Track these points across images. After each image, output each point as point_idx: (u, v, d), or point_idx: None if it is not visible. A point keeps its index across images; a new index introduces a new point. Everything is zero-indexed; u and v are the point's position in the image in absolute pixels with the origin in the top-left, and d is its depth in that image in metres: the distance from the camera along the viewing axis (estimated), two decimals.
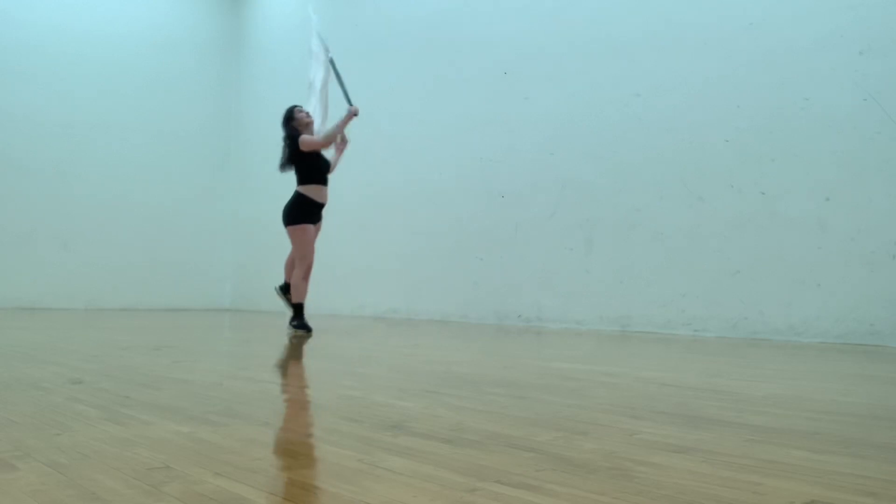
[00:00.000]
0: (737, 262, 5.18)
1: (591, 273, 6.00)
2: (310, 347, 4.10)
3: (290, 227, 5.05)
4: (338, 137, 5.14)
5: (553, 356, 3.64)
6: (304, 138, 4.98)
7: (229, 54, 10.51)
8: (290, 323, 5.03)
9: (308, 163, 5.02)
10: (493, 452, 1.38)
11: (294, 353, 3.78)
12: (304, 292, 5.05)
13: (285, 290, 5.26)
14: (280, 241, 10.01)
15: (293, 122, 5.09)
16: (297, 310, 5.03)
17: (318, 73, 5.38)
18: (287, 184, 5.22)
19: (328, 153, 5.24)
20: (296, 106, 5.18)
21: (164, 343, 4.16)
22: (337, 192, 8.96)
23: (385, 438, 1.50)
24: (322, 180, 5.09)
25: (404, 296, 7.71)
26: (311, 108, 5.25)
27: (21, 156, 8.96)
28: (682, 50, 5.55)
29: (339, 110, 5.18)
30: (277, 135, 5.22)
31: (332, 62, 5.35)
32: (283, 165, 5.12)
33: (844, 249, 4.68)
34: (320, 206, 5.11)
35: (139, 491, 1.08)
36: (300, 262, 5.04)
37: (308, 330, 4.95)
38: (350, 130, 5.23)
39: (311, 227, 5.06)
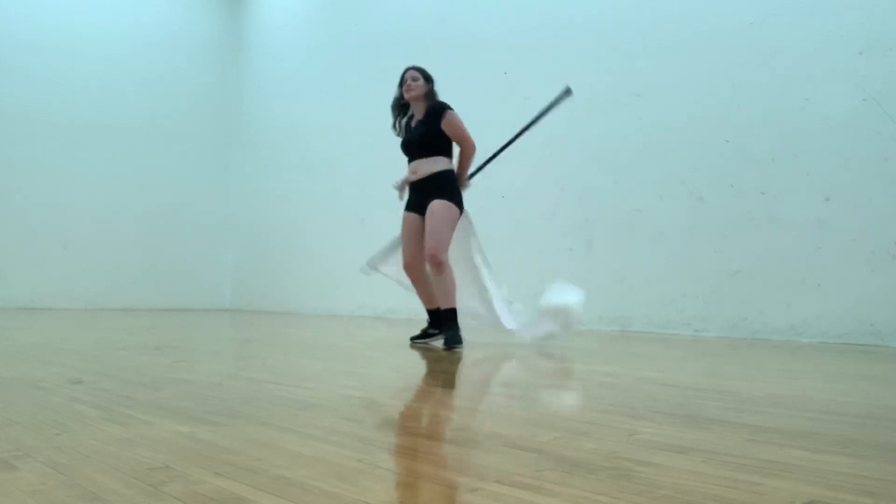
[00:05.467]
0: (737, 262, 5.18)
1: (591, 273, 5.99)
2: (309, 347, 4.10)
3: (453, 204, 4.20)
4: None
5: (553, 356, 3.64)
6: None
7: (229, 54, 10.51)
8: (446, 339, 3.94)
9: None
10: (493, 452, 1.38)
11: (293, 353, 3.78)
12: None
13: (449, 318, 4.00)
14: (280, 241, 10.09)
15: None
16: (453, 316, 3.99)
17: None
18: (287, 184, 5.18)
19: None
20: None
21: (164, 343, 4.16)
22: (336, 191, 9.00)
23: (385, 438, 1.50)
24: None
25: (404, 296, 7.68)
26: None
27: (21, 156, 8.95)
28: (682, 50, 5.55)
29: None
30: (277, 135, 5.18)
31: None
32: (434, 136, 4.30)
33: (844, 249, 4.68)
34: None
35: (139, 491, 1.08)
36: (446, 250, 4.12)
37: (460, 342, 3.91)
38: (347, 133, 5.18)
39: None
